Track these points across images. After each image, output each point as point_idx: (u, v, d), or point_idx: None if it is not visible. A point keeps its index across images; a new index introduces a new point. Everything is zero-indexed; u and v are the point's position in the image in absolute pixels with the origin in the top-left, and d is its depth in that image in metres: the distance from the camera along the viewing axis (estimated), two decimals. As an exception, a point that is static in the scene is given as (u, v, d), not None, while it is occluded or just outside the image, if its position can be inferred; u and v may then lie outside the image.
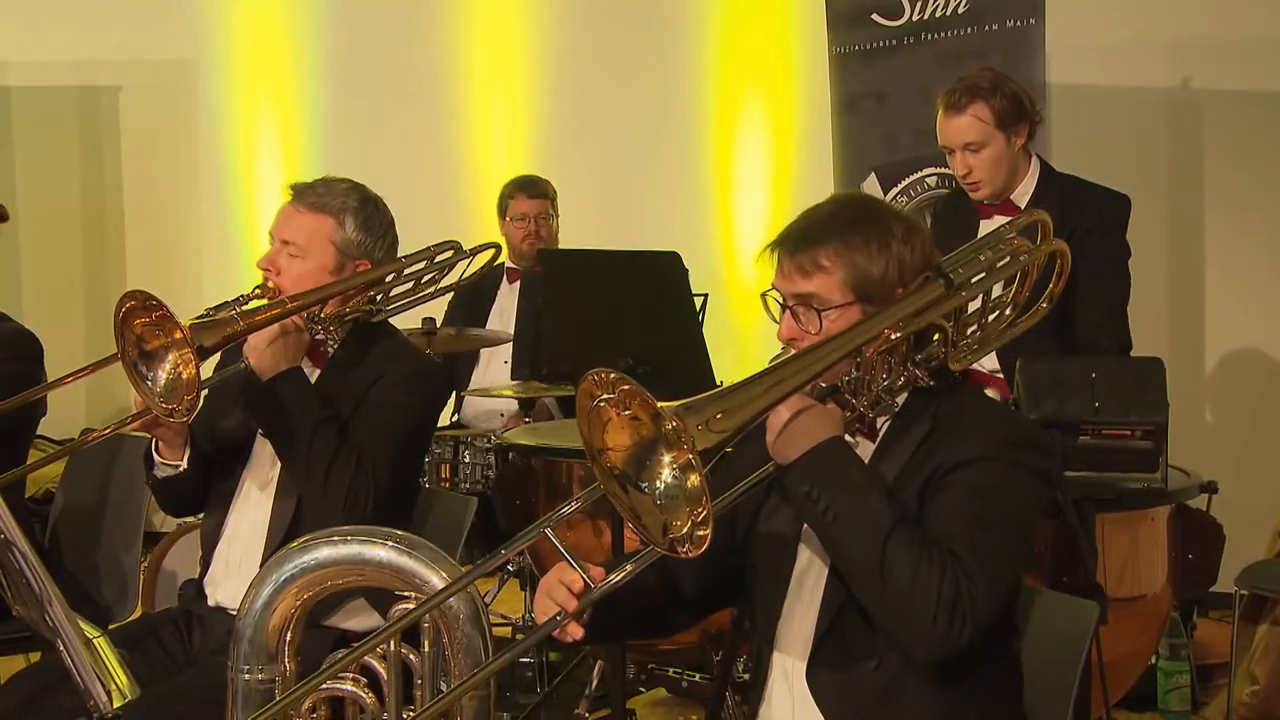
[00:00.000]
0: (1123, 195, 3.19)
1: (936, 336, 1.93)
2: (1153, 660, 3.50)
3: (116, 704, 1.60)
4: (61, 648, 1.60)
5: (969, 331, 2.03)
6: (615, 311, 2.98)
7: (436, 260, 2.74)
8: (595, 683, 3.45)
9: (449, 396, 4.71)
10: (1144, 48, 4.74)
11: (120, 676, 1.61)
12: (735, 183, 5.37)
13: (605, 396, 1.63)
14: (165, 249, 5.95)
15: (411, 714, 1.85)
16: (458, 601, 1.89)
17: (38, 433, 3.28)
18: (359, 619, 2.45)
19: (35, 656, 3.09)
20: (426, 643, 1.89)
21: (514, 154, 5.47)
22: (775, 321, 1.93)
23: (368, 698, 1.91)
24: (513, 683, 3.81)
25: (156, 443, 2.51)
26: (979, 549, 1.74)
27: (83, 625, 1.61)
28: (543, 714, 3.62)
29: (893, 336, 1.83)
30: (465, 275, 2.82)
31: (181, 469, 2.50)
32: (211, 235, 5.86)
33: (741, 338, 5.01)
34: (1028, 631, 1.98)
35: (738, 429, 1.65)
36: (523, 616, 4.01)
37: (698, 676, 3.37)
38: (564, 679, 3.65)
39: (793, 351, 1.85)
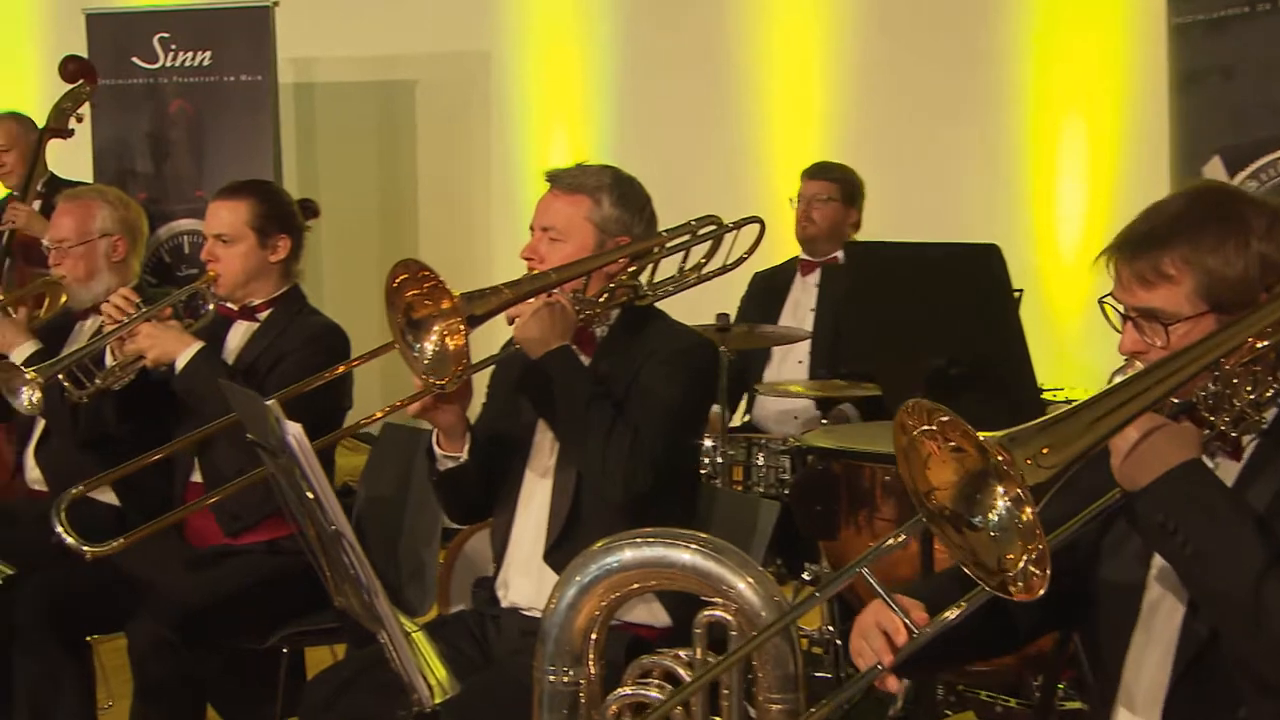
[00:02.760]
0: None
1: None
2: None
3: (438, 699, 1.69)
4: (385, 640, 1.71)
5: None
6: (926, 308, 2.94)
7: (699, 234, 2.78)
8: (900, 703, 3.41)
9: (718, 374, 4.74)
10: None
11: (440, 671, 1.71)
12: (1054, 167, 5.21)
13: (922, 428, 1.57)
14: (458, 243, 6.23)
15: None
16: (767, 612, 1.92)
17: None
18: (638, 611, 2.51)
19: (341, 649, 3.31)
20: (735, 654, 1.92)
21: (812, 141, 5.46)
22: (1116, 330, 1.82)
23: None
24: (812, 698, 3.80)
25: (438, 436, 2.63)
26: None
27: (401, 620, 1.72)
28: (842, 732, 3.60)
29: (1259, 346, 1.69)
30: (731, 258, 2.83)
31: (462, 460, 2.60)
32: (504, 228, 6.10)
33: (1059, 337, 4.85)
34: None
35: (1069, 463, 1.56)
36: (820, 629, 4.01)
37: (1013, 702, 3.29)
38: (866, 696, 3.62)
39: (1137, 367, 1.74)
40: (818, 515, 3.31)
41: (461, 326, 2.35)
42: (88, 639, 3.22)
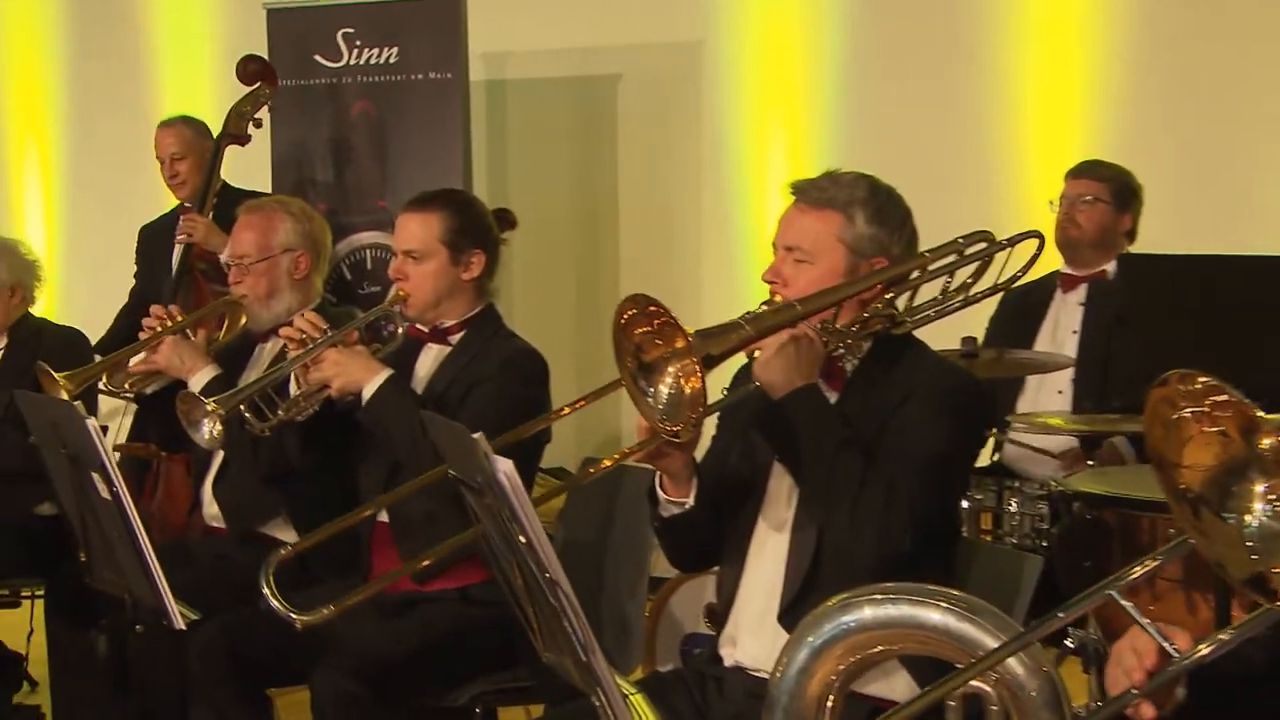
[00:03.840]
0: None
1: None
2: None
3: (660, 768, 1.71)
4: (601, 702, 1.73)
5: None
6: (1221, 332, 2.86)
7: (967, 254, 2.74)
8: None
9: (990, 418, 4.67)
10: None
11: (661, 738, 1.73)
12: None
13: (1191, 409, 1.60)
14: (664, 256, 6.24)
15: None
16: (1031, 680, 1.89)
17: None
18: (878, 681, 2.47)
19: (537, 711, 3.35)
20: (994, 729, 1.90)
21: (1074, 143, 5.32)
22: None
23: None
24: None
25: (661, 478, 2.65)
26: None
27: (618, 680, 1.74)
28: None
29: None
30: (1001, 278, 2.79)
31: (688, 506, 2.62)
32: (713, 240, 6.11)
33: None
34: None
35: None
36: (1086, 706, 3.90)
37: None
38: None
39: None
40: (1086, 572, 3.23)
41: (697, 368, 2.36)
42: (267, 691, 3.33)
